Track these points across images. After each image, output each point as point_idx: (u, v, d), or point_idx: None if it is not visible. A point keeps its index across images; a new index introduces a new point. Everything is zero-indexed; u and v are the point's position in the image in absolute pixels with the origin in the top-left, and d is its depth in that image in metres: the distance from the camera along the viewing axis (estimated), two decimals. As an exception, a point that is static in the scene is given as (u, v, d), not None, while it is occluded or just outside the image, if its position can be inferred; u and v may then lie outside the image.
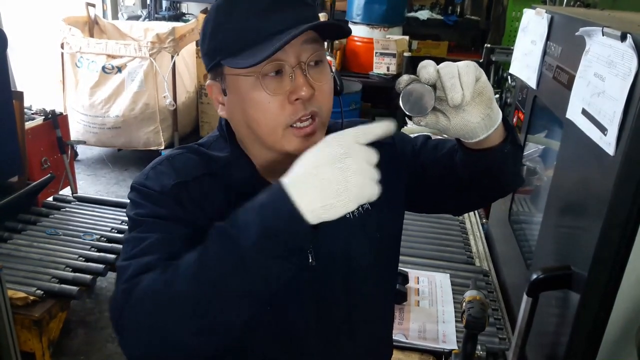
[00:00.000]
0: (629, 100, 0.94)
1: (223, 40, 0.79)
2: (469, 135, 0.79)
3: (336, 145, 0.64)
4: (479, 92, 0.76)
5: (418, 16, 5.34)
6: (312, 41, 0.78)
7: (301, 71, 0.77)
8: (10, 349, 1.96)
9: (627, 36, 0.95)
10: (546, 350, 1.28)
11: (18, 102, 2.90)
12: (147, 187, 0.82)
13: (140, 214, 0.80)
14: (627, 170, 0.96)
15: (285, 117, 0.78)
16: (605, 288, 1.04)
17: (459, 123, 0.77)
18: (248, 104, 0.79)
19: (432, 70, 0.74)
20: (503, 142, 0.83)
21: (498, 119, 0.79)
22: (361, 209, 0.93)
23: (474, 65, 0.75)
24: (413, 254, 2.04)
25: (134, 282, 0.70)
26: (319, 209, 0.63)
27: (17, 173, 2.89)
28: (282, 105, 0.78)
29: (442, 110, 0.77)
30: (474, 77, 0.73)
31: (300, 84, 0.77)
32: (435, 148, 0.98)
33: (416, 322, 1.65)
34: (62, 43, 4.37)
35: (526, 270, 1.58)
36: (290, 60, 0.77)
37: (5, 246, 2.60)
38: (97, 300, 2.87)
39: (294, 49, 0.77)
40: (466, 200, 1.02)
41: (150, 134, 4.51)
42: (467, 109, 0.76)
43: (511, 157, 0.86)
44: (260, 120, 0.79)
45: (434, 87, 0.74)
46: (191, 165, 0.86)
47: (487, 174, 0.87)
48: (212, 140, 0.92)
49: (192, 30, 4.67)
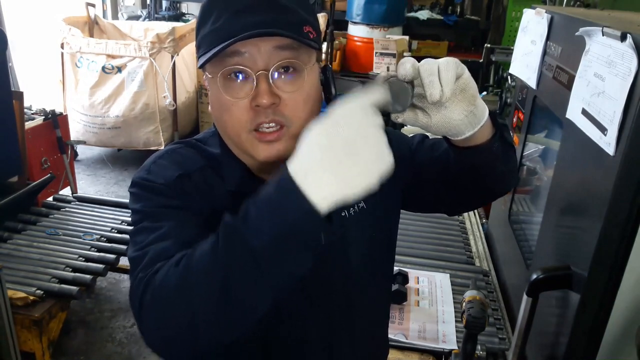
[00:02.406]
0: (628, 100, 0.94)
1: (200, 39, 0.80)
2: (453, 132, 0.78)
3: (341, 119, 0.60)
4: (462, 89, 0.74)
5: (418, 16, 5.34)
6: (286, 48, 0.76)
7: (265, 78, 0.75)
8: (10, 349, 1.96)
9: (627, 36, 0.95)
10: (546, 350, 1.28)
11: (18, 102, 2.90)
12: (151, 180, 0.82)
13: (147, 206, 0.80)
14: (627, 170, 0.96)
15: (247, 122, 0.78)
16: (605, 288, 1.04)
17: (440, 120, 0.76)
18: (216, 105, 0.80)
19: (408, 67, 0.73)
20: (491, 140, 0.82)
21: (484, 116, 0.78)
22: (357, 208, 0.93)
23: (455, 62, 0.73)
24: (413, 254, 2.04)
25: (152, 270, 0.69)
26: (335, 196, 0.59)
27: (17, 173, 2.89)
28: (245, 109, 0.77)
29: (423, 107, 0.76)
30: (454, 73, 0.72)
31: (260, 91, 0.75)
32: (431, 147, 0.97)
33: (416, 322, 1.65)
34: (62, 43, 4.37)
35: (526, 270, 1.58)
36: (255, 65, 0.75)
37: (5, 246, 2.60)
38: (97, 300, 2.87)
39: (264, 55, 0.75)
40: (461, 200, 1.01)
41: (150, 134, 4.51)
42: (448, 106, 0.75)
43: (501, 155, 0.84)
44: (227, 121, 0.79)
45: (412, 84, 0.74)
46: (191, 157, 0.87)
47: (477, 173, 0.86)
48: (208, 136, 0.92)
49: (192, 30, 4.67)
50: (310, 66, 0.80)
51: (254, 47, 0.75)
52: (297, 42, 0.76)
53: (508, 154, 0.87)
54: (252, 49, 0.75)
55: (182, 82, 4.73)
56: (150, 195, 0.80)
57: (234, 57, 0.75)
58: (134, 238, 0.78)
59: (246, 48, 0.75)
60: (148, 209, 0.79)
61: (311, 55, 0.80)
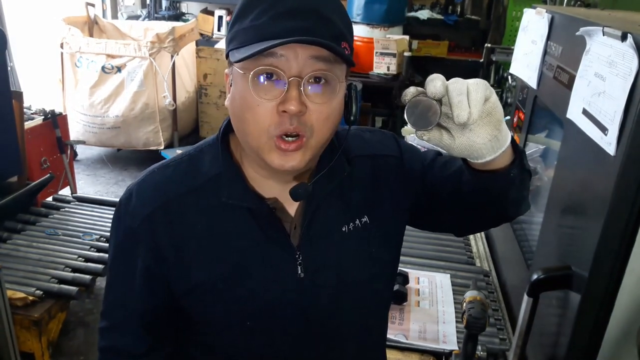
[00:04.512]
0: (629, 100, 0.94)
1: (235, 32, 0.78)
2: (474, 155, 0.76)
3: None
4: (488, 113, 0.72)
5: (418, 16, 5.33)
6: (322, 59, 0.75)
7: (297, 84, 0.74)
8: (9, 349, 1.95)
9: (628, 36, 0.95)
10: (547, 350, 1.28)
11: (17, 102, 2.89)
12: (121, 216, 0.89)
13: (110, 247, 0.93)
14: (627, 170, 0.96)
15: (271, 126, 0.76)
16: (606, 288, 1.04)
17: (464, 143, 0.74)
18: (241, 101, 0.78)
19: (439, 85, 0.70)
20: (510, 166, 0.80)
21: (506, 141, 0.76)
22: (359, 223, 0.91)
23: (485, 84, 0.71)
24: (413, 254, 2.04)
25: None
26: None
27: (17, 173, 2.89)
28: (271, 112, 0.75)
29: (448, 127, 0.74)
30: (483, 95, 0.70)
31: (290, 96, 0.73)
32: (444, 166, 0.94)
33: (416, 323, 1.64)
34: (62, 43, 4.37)
35: (526, 271, 1.58)
36: (289, 70, 0.74)
37: (5, 246, 2.60)
38: (97, 301, 2.86)
39: (299, 61, 0.74)
40: (469, 222, 0.98)
41: (149, 134, 4.51)
42: (473, 129, 0.72)
43: (517, 181, 0.82)
44: (249, 120, 0.78)
45: (440, 102, 0.72)
46: (176, 181, 0.87)
47: (490, 196, 0.84)
48: (206, 145, 0.91)
49: (191, 30, 4.68)
50: (341, 82, 0.79)
51: (291, 52, 0.73)
52: (333, 55, 0.75)
53: (524, 180, 0.85)
54: (289, 53, 0.73)
55: (182, 82, 4.73)
56: (116, 234, 0.91)
57: (269, 58, 0.74)
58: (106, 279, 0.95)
59: (283, 51, 0.73)
60: (110, 253, 0.93)
61: (343, 71, 0.79)
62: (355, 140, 0.94)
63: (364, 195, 0.93)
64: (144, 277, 0.88)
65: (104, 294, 0.95)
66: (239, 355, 0.92)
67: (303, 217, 0.88)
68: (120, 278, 0.92)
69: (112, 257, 0.93)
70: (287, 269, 0.87)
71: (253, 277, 0.86)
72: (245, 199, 0.85)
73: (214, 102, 4.87)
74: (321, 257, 0.88)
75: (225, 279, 0.86)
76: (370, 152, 0.95)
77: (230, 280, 0.86)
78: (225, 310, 0.88)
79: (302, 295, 0.88)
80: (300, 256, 0.87)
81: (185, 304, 0.89)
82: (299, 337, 0.91)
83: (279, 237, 0.86)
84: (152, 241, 0.86)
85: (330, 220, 0.90)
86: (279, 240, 0.86)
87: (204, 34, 5.67)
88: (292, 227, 0.88)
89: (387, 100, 4.79)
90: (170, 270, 0.86)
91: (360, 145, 0.95)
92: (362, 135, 0.98)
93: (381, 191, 0.94)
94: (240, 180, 0.86)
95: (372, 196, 0.93)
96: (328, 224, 0.89)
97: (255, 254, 0.86)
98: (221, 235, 0.86)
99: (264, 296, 0.87)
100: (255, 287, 0.86)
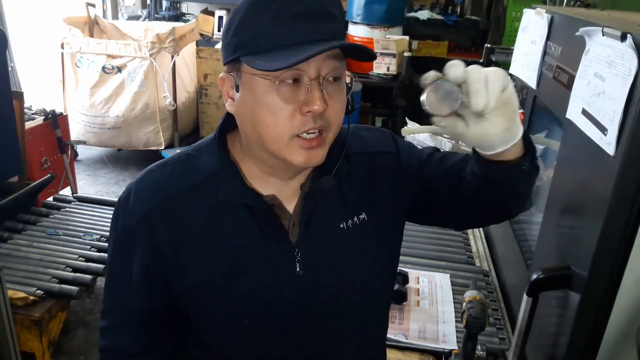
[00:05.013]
0: (629, 100, 0.94)
1: (247, 38, 0.77)
2: (486, 146, 0.76)
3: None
4: (504, 103, 0.72)
5: (418, 16, 5.33)
6: (334, 57, 0.77)
7: (318, 85, 0.76)
8: (10, 349, 1.95)
9: (627, 36, 0.95)
10: (546, 350, 1.28)
11: (18, 102, 2.90)
12: (125, 213, 0.88)
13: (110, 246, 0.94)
14: (627, 170, 0.96)
15: (293, 127, 0.77)
16: (605, 288, 1.04)
17: (478, 131, 0.74)
18: (260, 106, 0.78)
19: (460, 70, 0.71)
20: (522, 159, 0.80)
21: (518, 134, 0.76)
22: (357, 220, 0.92)
23: (503, 73, 0.71)
24: (413, 254, 2.04)
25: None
26: None
27: (17, 173, 2.89)
28: (293, 114, 0.77)
29: (462, 115, 0.74)
30: (501, 85, 0.70)
31: (315, 97, 0.75)
32: (441, 161, 0.95)
33: (416, 322, 1.65)
34: (62, 43, 4.37)
35: (526, 270, 1.58)
36: (310, 72, 0.76)
37: (5, 246, 2.60)
38: (97, 300, 2.86)
39: (316, 62, 0.75)
40: (469, 217, 0.98)
41: (150, 134, 4.51)
42: (488, 118, 0.72)
43: (526, 176, 0.82)
44: (269, 124, 0.78)
45: (460, 87, 0.72)
46: (175, 179, 0.88)
47: (499, 189, 0.84)
48: (204, 144, 0.91)
49: (192, 30, 4.68)
50: (345, 77, 0.82)
51: None
52: (342, 53, 0.78)
53: (532, 176, 0.85)
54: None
55: (182, 82, 4.73)
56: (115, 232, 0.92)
57: None
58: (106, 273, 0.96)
59: None
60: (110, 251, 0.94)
61: (345, 66, 0.81)
62: (354, 138, 0.95)
63: (362, 192, 0.93)
64: (143, 276, 0.88)
65: (104, 293, 0.95)
66: (238, 354, 0.93)
67: (302, 214, 0.88)
68: (120, 277, 0.92)
69: (111, 256, 0.93)
70: (286, 266, 0.87)
71: (251, 275, 0.86)
72: (242, 196, 0.85)
73: (214, 102, 4.87)
74: (320, 254, 0.89)
75: (224, 277, 0.86)
76: (368, 150, 0.96)
77: (229, 278, 0.86)
78: (224, 309, 0.88)
79: (301, 294, 0.88)
80: (298, 253, 0.87)
81: (184, 303, 0.90)
82: (298, 336, 0.91)
83: (277, 234, 0.87)
84: (151, 239, 0.86)
85: (329, 217, 0.90)
86: (277, 238, 0.87)
87: (204, 34, 5.67)
88: (290, 224, 0.88)
89: (387, 101, 4.80)
90: (168, 269, 0.87)
91: (358, 143, 0.95)
92: (360, 133, 0.98)
93: (379, 188, 0.94)
94: (237, 178, 0.86)
95: (370, 193, 0.94)
96: (326, 221, 0.90)
97: (253, 252, 0.86)
98: (219, 233, 0.86)
99: (263, 294, 0.87)
100: (254, 285, 0.86)
